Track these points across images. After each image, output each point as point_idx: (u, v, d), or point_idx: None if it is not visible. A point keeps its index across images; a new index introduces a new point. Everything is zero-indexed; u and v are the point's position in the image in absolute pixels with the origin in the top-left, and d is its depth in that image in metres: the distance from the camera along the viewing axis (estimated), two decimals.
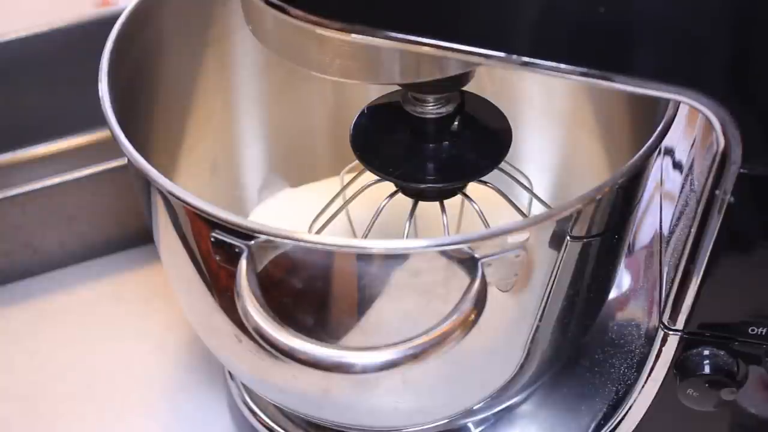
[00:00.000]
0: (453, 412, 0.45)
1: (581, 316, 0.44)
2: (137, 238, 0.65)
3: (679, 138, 0.48)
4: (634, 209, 0.41)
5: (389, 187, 0.44)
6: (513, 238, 0.33)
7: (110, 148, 0.42)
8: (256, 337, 0.33)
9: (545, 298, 0.38)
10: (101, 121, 0.39)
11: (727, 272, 0.38)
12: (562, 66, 0.31)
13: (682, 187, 0.43)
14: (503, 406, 0.47)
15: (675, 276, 0.40)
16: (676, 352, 0.42)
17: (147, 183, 0.38)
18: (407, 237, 0.44)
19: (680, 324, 0.41)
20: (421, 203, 0.44)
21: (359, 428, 0.47)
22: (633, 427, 0.47)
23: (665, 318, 0.41)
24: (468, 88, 0.41)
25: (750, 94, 0.32)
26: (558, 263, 0.37)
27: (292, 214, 0.56)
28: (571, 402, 0.49)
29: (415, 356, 0.33)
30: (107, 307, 0.63)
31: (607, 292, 0.47)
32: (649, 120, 0.41)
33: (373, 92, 0.48)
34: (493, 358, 0.41)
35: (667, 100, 0.38)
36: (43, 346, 0.60)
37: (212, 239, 0.35)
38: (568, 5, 0.30)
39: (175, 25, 0.48)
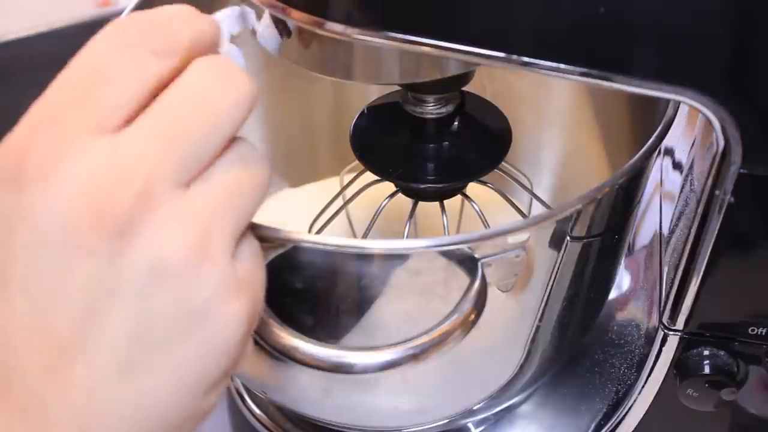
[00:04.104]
0: (453, 412, 0.45)
1: (581, 316, 0.44)
2: None
3: (679, 138, 0.48)
4: (634, 209, 0.41)
5: (389, 187, 0.44)
6: (513, 238, 0.33)
7: None
8: (256, 337, 0.33)
9: (545, 298, 0.38)
10: None
11: (727, 272, 0.38)
12: (562, 66, 0.31)
13: (682, 187, 0.43)
14: (503, 406, 0.47)
15: (675, 276, 0.40)
16: (676, 352, 0.42)
17: None
18: (407, 237, 0.44)
19: (680, 324, 0.41)
20: (421, 203, 0.44)
21: (359, 428, 0.47)
22: (633, 427, 0.47)
23: (665, 318, 0.41)
24: (468, 88, 0.41)
25: (750, 94, 0.32)
26: (558, 263, 0.37)
27: (292, 214, 0.56)
28: (571, 402, 0.49)
29: (415, 356, 0.33)
30: None
31: (607, 292, 0.47)
32: (649, 120, 0.41)
33: (373, 92, 0.48)
34: (493, 358, 0.41)
35: (667, 100, 0.38)
36: None
37: None
38: (568, 5, 0.30)
39: None
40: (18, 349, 0.24)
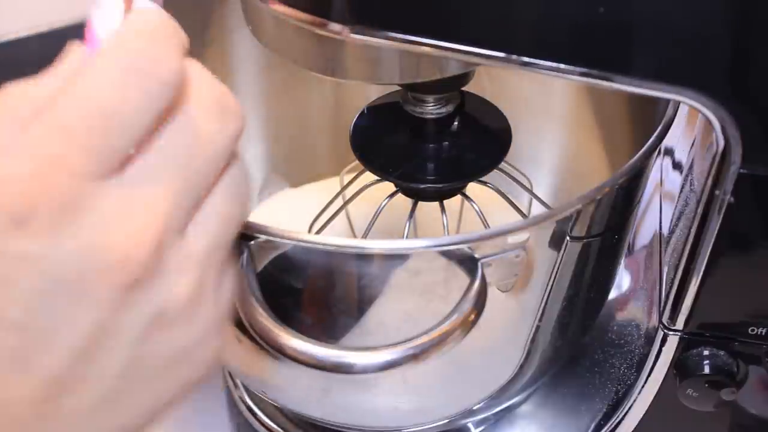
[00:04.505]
0: (453, 412, 0.45)
1: (581, 316, 0.44)
2: None
3: (679, 138, 0.48)
4: (634, 209, 0.41)
5: (389, 187, 0.44)
6: (513, 238, 0.33)
7: None
8: (256, 337, 0.33)
9: (545, 298, 0.38)
10: None
11: (727, 272, 0.38)
12: (562, 66, 0.31)
13: (682, 187, 0.43)
14: (503, 406, 0.47)
15: (675, 276, 0.40)
16: (676, 352, 0.42)
17: None
18: (407, 237, 0.44)
19: (680, 324, 0.41)
20: (421, 203, 0.44)
21: (359, 428, 0.47)
22: (633, 427, 0.47)
23: (665, 318, 0.41)
24: (468, 88, 0.41)
25: (750, 94, 0.32)
26: (558, 263, 0.37)
27: (292, 214, 0.56)
28: (571, 402, 0.49)
29: (415, 356, 0.33)
30: None
31: (607, 292, 0.47)
32: (649, 120, 0.41)
33: (373, 92, 0.48)
34: (493, 358, 0.41)
35: (667, 100, 0.38)
36: None
37: None
38: (568, 5, 0.30)
39: None
40: (3, 381, 0.24)
